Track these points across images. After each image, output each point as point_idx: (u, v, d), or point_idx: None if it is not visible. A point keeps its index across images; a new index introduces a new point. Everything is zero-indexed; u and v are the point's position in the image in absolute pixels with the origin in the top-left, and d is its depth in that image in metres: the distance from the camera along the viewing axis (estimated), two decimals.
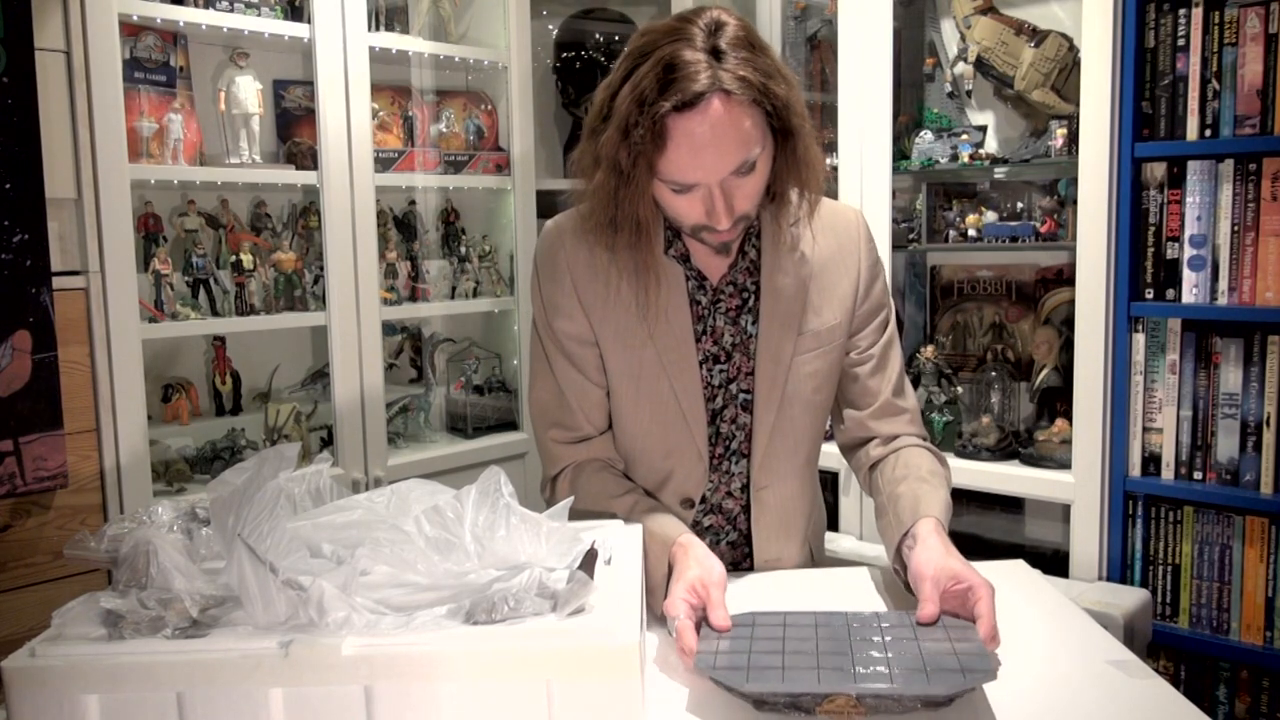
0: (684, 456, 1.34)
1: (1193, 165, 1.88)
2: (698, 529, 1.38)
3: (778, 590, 1.29)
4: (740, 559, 1.41)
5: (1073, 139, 2.01)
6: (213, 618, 0.87)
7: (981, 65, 2.19)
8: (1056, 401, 2.14)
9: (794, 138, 1.22)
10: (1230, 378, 1.88)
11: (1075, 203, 1.97)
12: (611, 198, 1.21)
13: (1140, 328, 1.95)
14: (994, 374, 2.29)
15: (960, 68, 2.24)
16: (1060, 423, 2.08)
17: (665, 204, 1.23)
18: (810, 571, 1.39)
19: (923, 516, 1.19)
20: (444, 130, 2.63)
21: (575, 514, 1.06)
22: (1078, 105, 1.94)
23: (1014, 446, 2.15)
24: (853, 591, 1.28)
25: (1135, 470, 1.97)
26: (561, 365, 1.36)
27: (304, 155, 2.32)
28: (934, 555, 1.11)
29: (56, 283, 1.75)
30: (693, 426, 1.33)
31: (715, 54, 1.15)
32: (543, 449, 1.40)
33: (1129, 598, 1.87)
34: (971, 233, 2.21)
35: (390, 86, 2.53)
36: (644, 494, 1.35)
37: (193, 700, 0.83)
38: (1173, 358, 1.93)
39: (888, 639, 1.01)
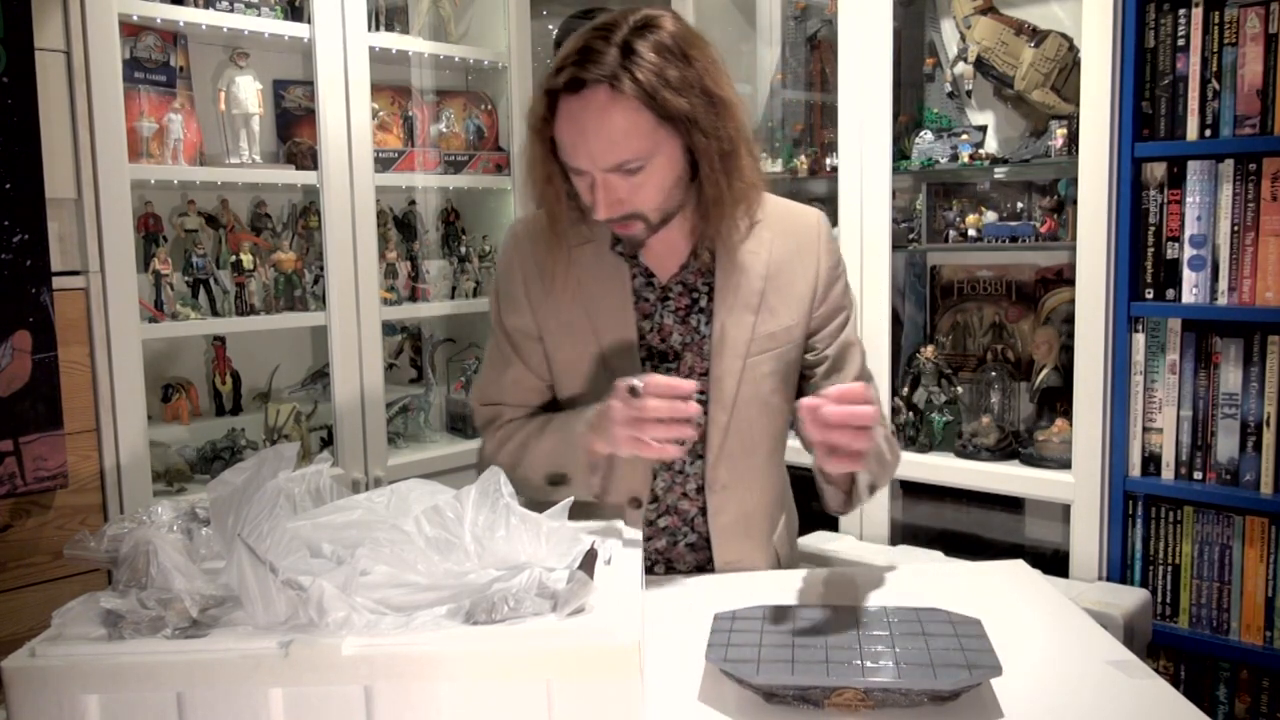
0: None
1: (1193, 165, 1.87)
2: (653, 529, 1.38)
3: (779, 590, 1.29)
4: (702, 561, 1.40)
5: (1073, 139, 2.01)
6: (213, 618, 0.87)
7: (981, 65, 2.19)
8: (1056, 401, 2.14)
9: (701, 156, 1.23)
10: (1230, 378, 1.88)
11: (1075, 203, 1.97)
12: (528, 166, 1.28)
13: (1140, 328, 1.95)
14: (994, 374, 2.29)
15: (960, 68, 2.24)
16: (1060, 423, 2.08)
17: (574, 185, 1.27)
18: (802, 572, 1.39)
19: None
20: (444, 130, 2.63)
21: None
22: (1078, 105, 1.94)
23: (1014, 446, 2.15)
24: (847, 592, 1.28)
25: (1135, 470, 1.97)
26: (508, 355, 1.41)
27: (304, 155, 2.32)
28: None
29: (56, 283, 1.75)
30: None
31: (626, 50, 1.17)
32: (477, 418, 1.45)
33: (1129, 598, 1.87)
34: (971, 233, 2.20)
35: (390, 86, 2.53)
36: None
37: (193, 700, 0.83)
38: (1173, 358, 1.93)
39: (895, 634, 1.02)
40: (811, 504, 2.74)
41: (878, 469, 1.31)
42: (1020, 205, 2.23)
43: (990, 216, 2.21)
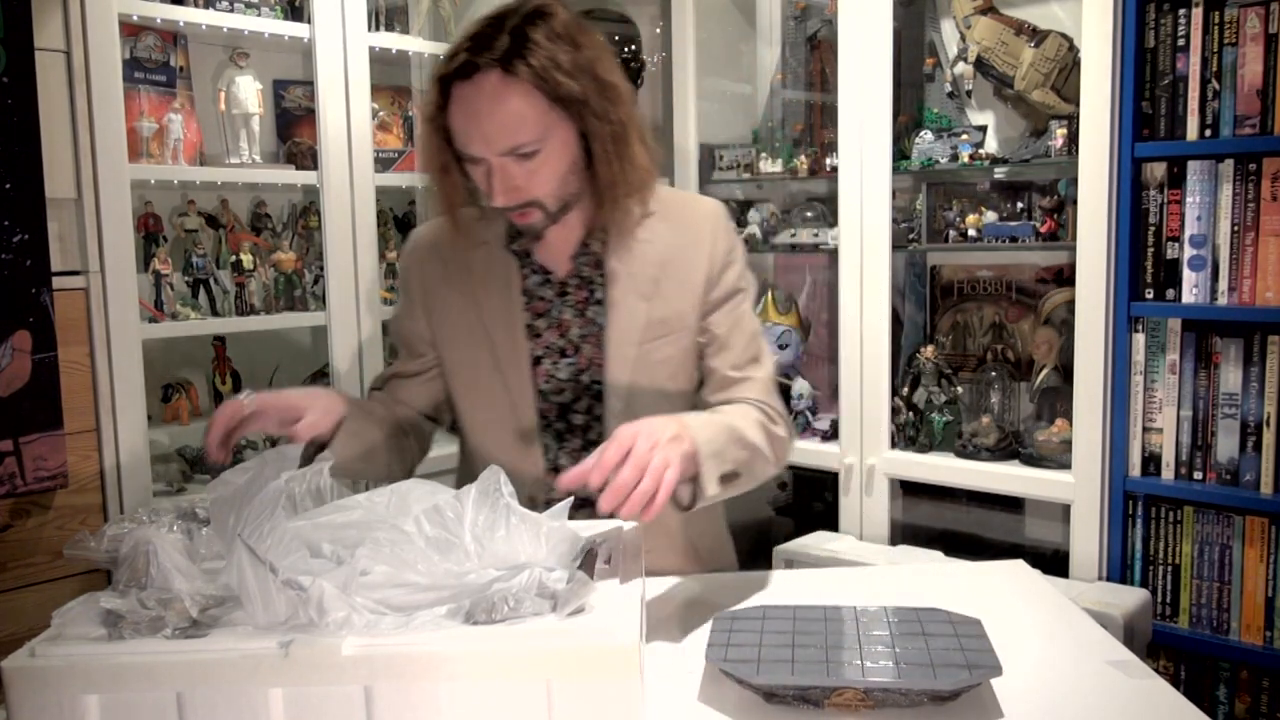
0: (521, 454, 1.36)
1: (1193, 165, 1.87)
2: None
3: (779, 590, 1.29)
4: None
5: (1073, 139, 2.01)
6: (213, 618, 0.87)
7: (981, 65, 2.19)
8: (1056, 401, 2.14)
9: (594, 140, 1.26)
10: (1230, 378, 1.88)
11: (1075, 203, 1.97)
12: (424, 160, 1.31)
13: (1140, 328, 1.95)
14: (994, 374, 2.29)
15: (960, 68, 2.23)
16: (1060, 423, 2.08)
17: (471, 174, 1.29)
18: (802, 572, 1.39)
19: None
20: None
21: None
22: (1078, 105, 1.94)
23: (1014, 446, 2.15)
24: (842, 593, 1.28)
25: (1135, 470, 1.97)
26: (401, 354, 1.48)
27: (304, 155, 2.32)
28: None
29: (56, 283, 1.75)
30: (524, 422, 1.36)
31: (517, 36, 1.19)
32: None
33: (1129, 598, 1.87)
34: (971, 233, 2.20)
35: (390, 86, 2.53)
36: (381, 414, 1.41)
37: (193, 700, 0.83)
38: (1173, 358, 1.93)
39: (896, 634, 1.02)
40: (813, 504, 2.75)
41: (732, 456, 1.24)
42: (1020, 205, 2.23)
43: (990, 216, 2.21)
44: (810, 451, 2.35)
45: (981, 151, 2.18)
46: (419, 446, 1.48)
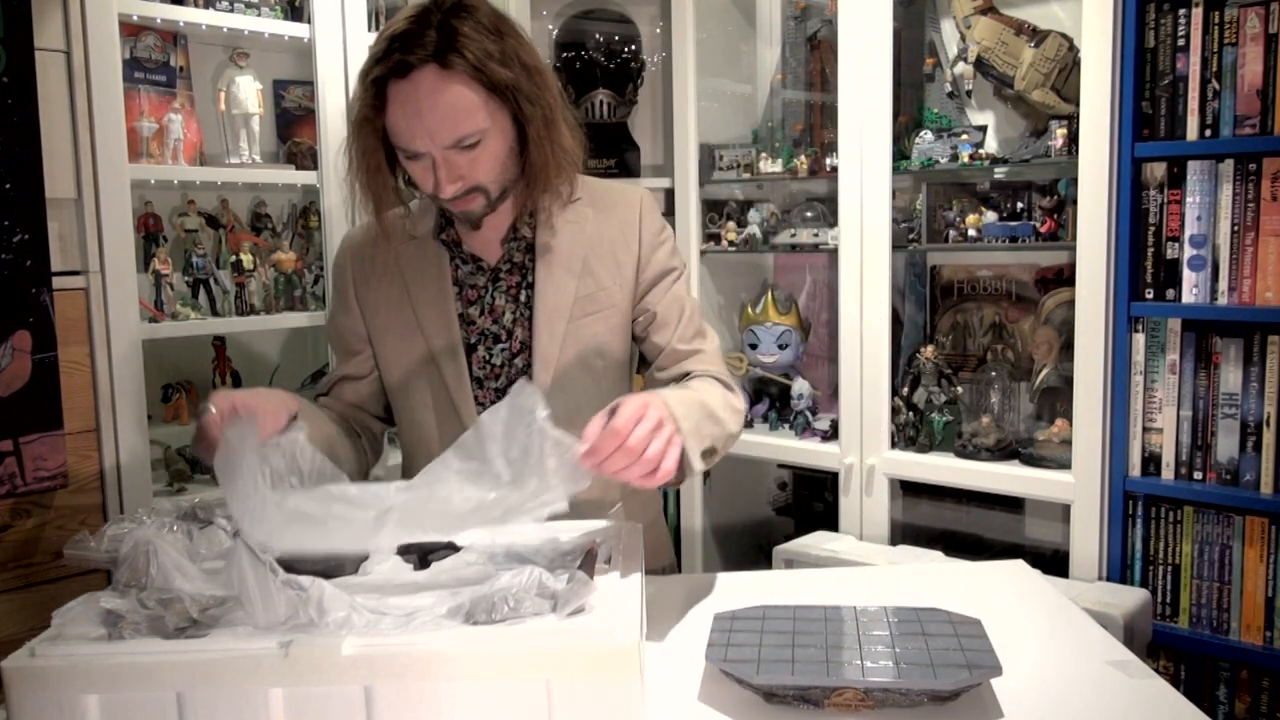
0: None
1: (1193, 165, 1.87)
2: None
3: (779, 590, 1.29)
4: None
5: (1073, 139, 2.01)
6: (213, 618, 0.87)
7: (981, 65, 2.19)
8: (1056, 401, 2.14)
9: (529, 124, 1.29)
10: (1230, 378, 1.88)
11: (1075, 203, 1.97)
12: (351, 163, 1.32)
13: (1140, 328, 1.95)
14: (994, 374, 2.29)
15: (960, 68, 2.23)
16: (1060, 423, 2.08)
17: (409, 171, 1.31)
18: (802, 572, 1.39)
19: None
20: None
21: None
22: (1078, 105, 1.94)
23: (1014, 446, 2.15)
24: (837, 593, 1.28)
25: (1135, 470, 1.97)
26: (340, 357, 1.51)
27: (304, 155, 2.32)
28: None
29: (56, 283, 1.75)
30: (462, 411, 1.37)
31: (445, 30, 1.21)
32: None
33: (1129, 598, 1.87)
34: (971, 233, 2.20)
35: None
36: (326, 419, 1.41)
37: (193, 700, 0.83)
38: (1173, 358, 1.93)
39: (895, 634, 1.02)
40: (813, 504, 2.75)
41: (706, 436, 1.24)
42: (1020, 205, 2.23)
43: (990, 216, 2.21)
44: (810, 451, 2.35)
45: (981, 151, 2.18)
46: (371, 448, 1.49)
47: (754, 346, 2.51)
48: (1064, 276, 2.19)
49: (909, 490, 2.37)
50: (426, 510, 0.95)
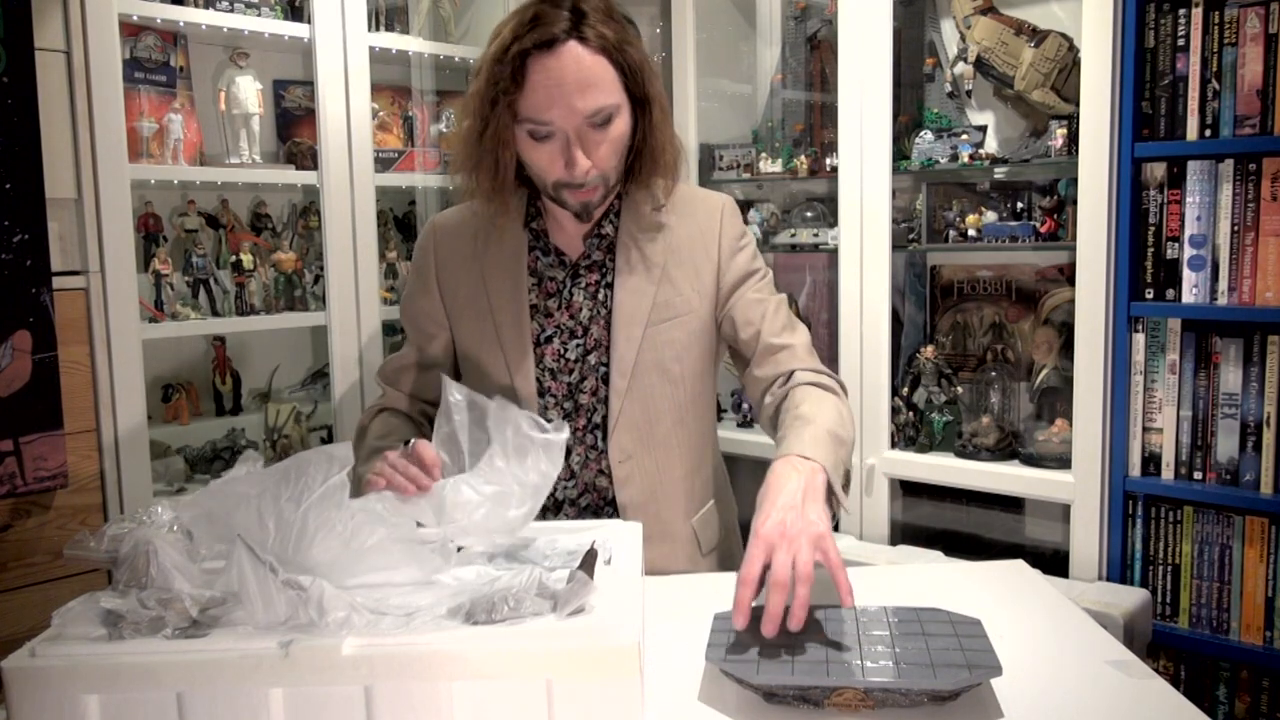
0: None
1: (1193, 165, 1.87)
2: (575, 508, 1.42)
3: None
4: None
5: (1073, 139, 2.01)
6: (213, 618, 0.87)
7: (981, 65, 2.19)
8: (1056, 401, 2.14)
9: (650, 105, 1.31)
10: (1230, 378, 1.88)
11: (1075, 203, 1.97)
12: (476, 142, 1.31)
13: (1140, 328, 1.95)
14: (994, 374, 2.29)
15: (960, 68, 2.24)
16: (1060, 423, 2.08)
17: (527, 158, 1.31)
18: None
19: (779, 457, 1.17)
20: (444, 130, 2.63)
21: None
22: (1078, 105, 1.94)
23: (1014, 446, 2.15)
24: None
25: (1135, 470, 1.97)
26: (408, 339, 1.50)
27: (304, 155, 2.32)
28: (761, 511, 1.10)
29: (56, 283, 1.75)
30: (522, 399, 1.38)
31: (576, 12, 1.25)
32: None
33: (1129, 598, 1.87)
34: (971, 233, 2.20)
35: (390, 86, 2.53)
36: (401, 425, 1.43)
37: (193, 700, 0.83)
38: (1173, 358, 1.93)
39: (895, 634, 1.02)
40: None
41: (844, 459, 1.26)
42: (1020, 205, 2.23)
43: (990, 216, 2.21)
44: None
45: (981, 151, 2.18)
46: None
47: None
48: (1064, 276, 2.20)
49: (909, 490, 2.37)
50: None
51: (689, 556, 1.43)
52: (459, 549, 1.06)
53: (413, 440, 1.15)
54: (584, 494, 1.41)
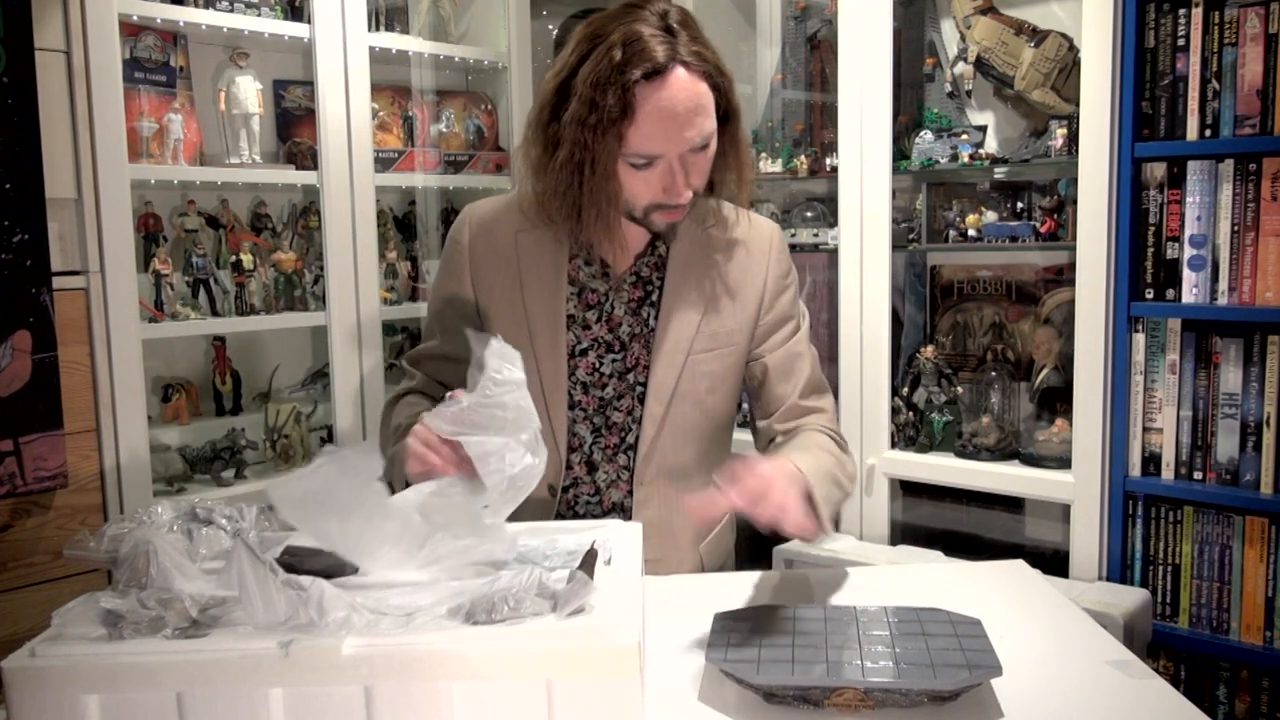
0: (546, 440, 1.35)
1: (1193, 165, 1.87)
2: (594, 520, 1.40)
3: (779, 590, 1.29)
4: None
5: (1073, 139, 2.01)
6: (213, 618, 0.87)
7: (981, 65, 2.19)
8: (1056, 401, 2.14)
9: (735, 119, 1.28)
10: (1230, 378, 1.88)
11: (1075, 203, 1.97)
12: (575, 175, 1.23)
13: (1140, 328, 1.95)
14: (994, 374, 2.29)
15: (960, 68, 2.24)
16: (1060, 423, 2.08)
17: (623, 183, 1.25)
18: (803, 572, 1.39)
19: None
20: (444, 130, 2.63)
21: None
22: (1078, 105, 1.94)
23: (1014, 446, 2.15)
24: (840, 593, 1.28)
25: (1135, 470, 1.97)
26: (432, 327, 1.44)
27: (304, 155, 2.32)
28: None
29: (56, 283, 1.75)
30: (552, 410, 1.35)
31: (669, 31, 1.20)
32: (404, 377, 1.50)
33: (1129, 598, 1.87)
34: (971, 233, 2.21)
35: (390, 86, 2.53)
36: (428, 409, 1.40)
37: (193, 700, 0.83)
38: (1173, 358, 1.93)
39: (895, 634, 1.02)
40: None
41: (834, 500, 1.27)
42: (1020, 205, 2.23)
43: (990, 216, 2.21)
44: None
45: (981, 151, 2.18)
46: None
47: None
48: (1064, 276, 2.20)
49: (909, 490, 2.37)
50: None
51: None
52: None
53: (448, 394, 1.13)
54: (609, 513, 1.39)
